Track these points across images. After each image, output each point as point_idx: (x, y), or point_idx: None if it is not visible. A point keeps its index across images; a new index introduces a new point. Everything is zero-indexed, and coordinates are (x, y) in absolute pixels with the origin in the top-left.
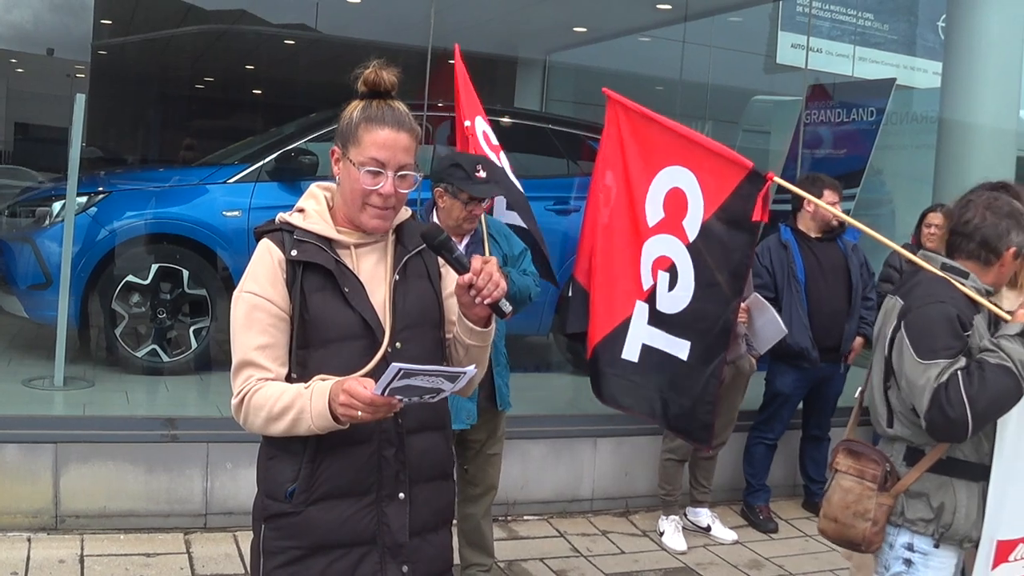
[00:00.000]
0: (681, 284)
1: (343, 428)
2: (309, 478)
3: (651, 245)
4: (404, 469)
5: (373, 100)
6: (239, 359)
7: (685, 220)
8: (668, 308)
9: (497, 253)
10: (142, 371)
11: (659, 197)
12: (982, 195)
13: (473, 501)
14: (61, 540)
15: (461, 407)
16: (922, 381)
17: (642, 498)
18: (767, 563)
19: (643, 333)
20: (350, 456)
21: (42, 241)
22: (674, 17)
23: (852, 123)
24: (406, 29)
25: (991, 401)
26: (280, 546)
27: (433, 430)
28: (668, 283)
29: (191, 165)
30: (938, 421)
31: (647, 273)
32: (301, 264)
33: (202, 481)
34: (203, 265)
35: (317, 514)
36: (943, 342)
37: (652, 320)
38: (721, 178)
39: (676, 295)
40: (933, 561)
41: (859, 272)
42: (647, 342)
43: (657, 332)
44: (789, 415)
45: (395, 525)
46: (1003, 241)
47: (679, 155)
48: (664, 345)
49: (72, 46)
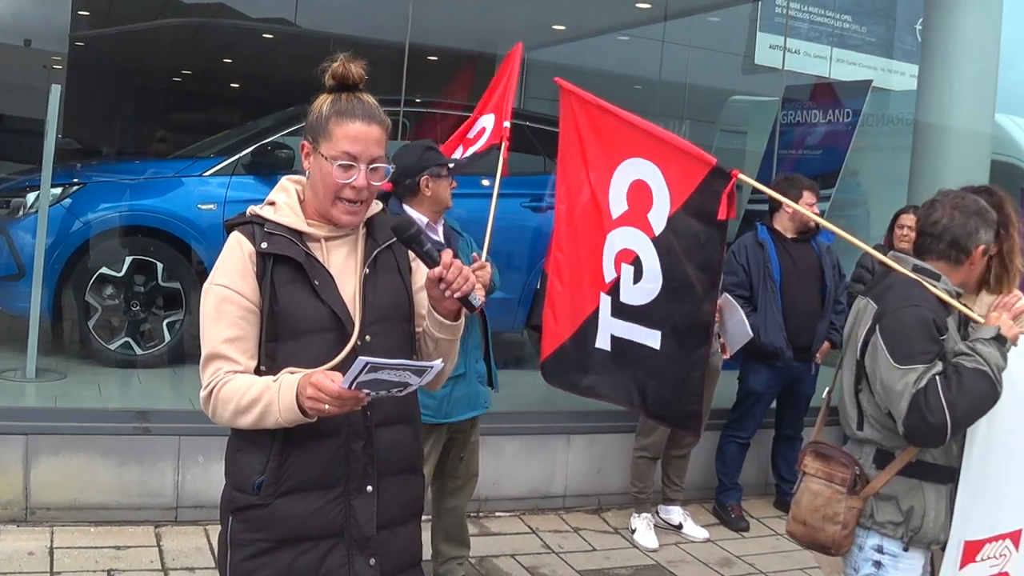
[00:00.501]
0: (647, 277)
1: (311, 421)
2: (277, 470)
3: (614, 237)
4: (372, 462)
5: (342, 93)
6: (208, 351)
7: (650, 213)
8: (634, 300)
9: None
10: (115, 364)
11: (622, 189)
12: (948, 195)
13: (453, 494)
14: (31, 532)
15: (478, 393)
16: (900, 387)
17: (614, 495)
18: (738, 561)
19: (610, 324)
20: (318, 449)
21: (16, 232)
22: (653, 16)
23: (828, 124)
24: (384, 25)
25: (970, 405)
26: (247, 538)
27: (401, 423)
28: (633, 276)
29: (167, 158)
30: (918, 427)
31: (610, 266)
32: (271, 257)
33: (173, 474)
34: (177, 258)
35: (285, 507)
36: (920, 346)
37: (615, 312)
38: (686, 172)
39: (643, 287)
40: (902, 563)
41: (832, 274)
42: (616, 333)
43: (623, 324)
44: (762, 414)
45: (363, 518)
46: (972, 240)
47: (640, 148)
48: (635, 336)
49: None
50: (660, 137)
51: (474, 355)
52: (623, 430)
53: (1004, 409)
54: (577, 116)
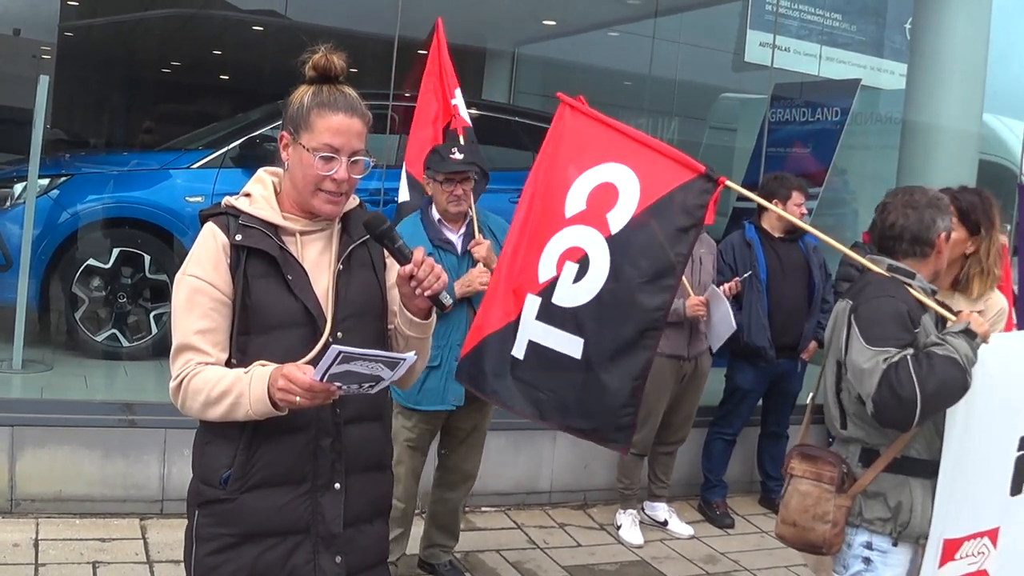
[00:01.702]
0: (590, 277)
1: (281, 414)
2: (244, 465)
3: (563, 236)
4: (340, 459)
5: (323, 85)
6: (179, 342)
7: (610, 213)
8: (566, 302)
9: (493, 247)
10: (101, 355)
11: (584, 190)
12: (897, 195)
13: (450, 487)
14: (16, 524)
15: (449, 389)
16: (869, 365)
17: (600, 491)
18: (722, 558)
19: (531, 329)
20: (286, 444)
21: (3, 223)
22: (643, 13)
23: (817, 123)
24: (374, 18)
25: (939, 386)
26: (213, 532)
27: (371, 421)
28: (575, 275)
29: (155, 149)
30: (888, 401)
31: (549, 264)
32: (245, 249)
33: (159, 467)
34: (164, 250)
35: (251, 501)
36: (893, 332)
37: (541, 315)
38: (664, 176)
39: (581, 287)
40: (891, 559)
41: (819, 273)
42: (534, 339)
43: (547, 328)
44: (748, 411)
45: (329, 515)
46: (932, 231)
47: (622, 154)
48: (552, 342)
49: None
50: (650, 145)
51: (456, 352)
52: None
53: (981, 406)
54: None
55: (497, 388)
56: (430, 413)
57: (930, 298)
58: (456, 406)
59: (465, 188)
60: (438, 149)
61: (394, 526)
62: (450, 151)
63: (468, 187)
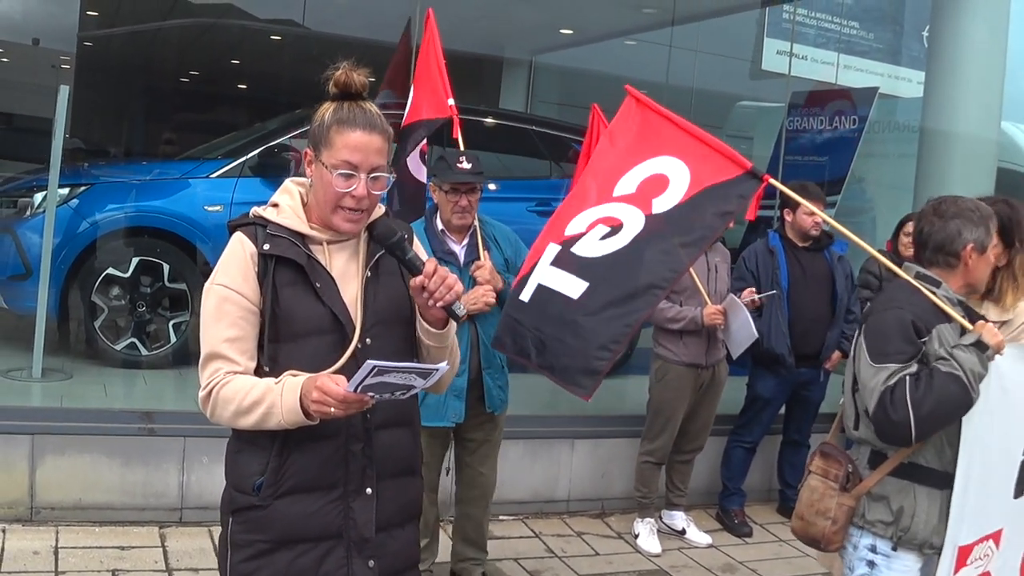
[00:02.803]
0: (618, 238)
1: (313, 424)
2: (276, 471)
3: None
4: (371, 464)
5: (344, 102)
6: (208, 351)
7: (657, 199)
8: (585, 252)
9: (497, 257)
10: (120, 364)
11: (637, 178)
12: (931, 203)
13: (471, 503)
14: (36, 532)
15: (449, 405)
16: (872, 383)
17: (618, 500)
18: (740, 567)
19: (542, 274)
20: (317, 450)
21: (23, 232)
22: (660, 21)
23: (834, 131)
24: (391, 27)
25: (936, 406)
26: (247, 539)
27: (400, 426)
28: (603, 234)
29: (174, 159)
30: (882, 423)
31: (580, 224)
32: (273, 258)
33: (178, 475)
34: (183, 259)
35: (284, 507)
36: (895, 346)
37: (556, 261)
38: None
39: (605, 243)
40: (896, 564)
41: (844, 283)
42: (542, 281)
43: (556, 271)
44: (769, 419)
45: (361, 520)
46: (957, 242)
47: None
48: (557, 284)
49: (58, 37)
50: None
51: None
52: (627, 435)
53: (998, 415)
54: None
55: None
56: (432, 429)
57: (953, 308)
58: (456, 423)
59: (471, 199)
60: (445, 156)
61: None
62: (457, 159)
63: (474, 199)
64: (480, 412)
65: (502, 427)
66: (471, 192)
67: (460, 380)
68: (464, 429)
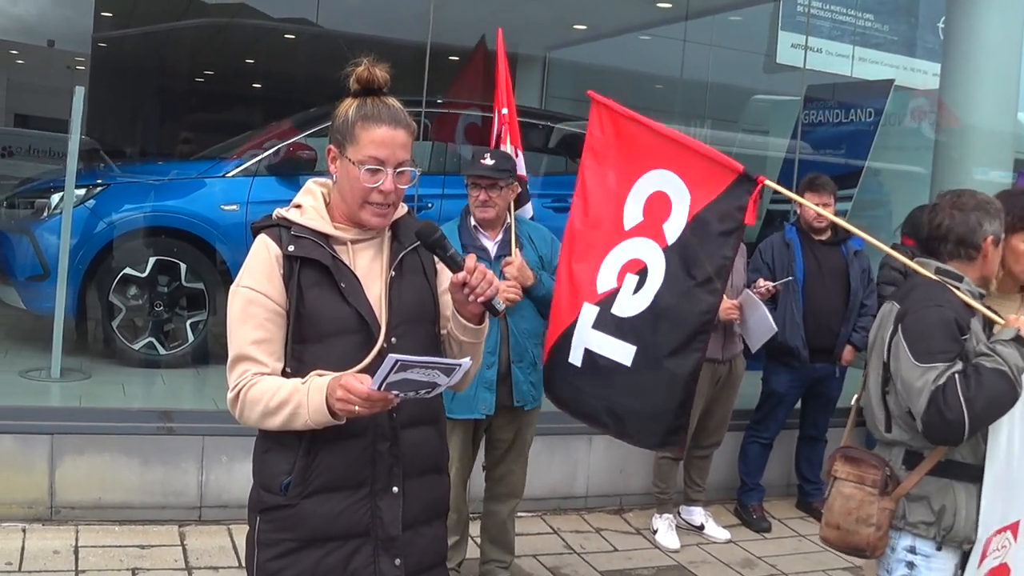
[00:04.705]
0: (647, 287)
1: (340, 423)
2: (304, 471)
3: (624, 248)
4: (398, 463)
5: (367, 97)
6: (235, 353)
7: (666, 223)
8: (625, 312)
9: (531, 255)
10: (139, 363)
11: (640, 200)
12: (946, 196)
13: (499, 500)
14: (56, 531)
15: (479, 398)
16: (919, 384)
17: (636, 496)
18: (759, 562)
19: (586, 337)
20: (344, 450)
21: (40, 233)
22: (674, 16)
23: (850, 124)
24: (406, 24)
25: (988, 403)
26: (274, 538)
27: (426, 424)
28: (635, 286)
29: (189, 158)
30: (936, 423)
31: (610, 276)
32: (298, 259)
33: (197, 474)
34: (200, 259)
35: (312, 507)
36: (940, 345)
37: (598, 324)
38: (710, 181)
39: (638, 297)
40: (935, 563)
41: (859, 278)
42: (589, 347)
43: (602, 336)
44: (785, 415)
45: (388, 518)
46: (977, 234)
47: (665, 158)
48: (605, 350)
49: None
50: (687, 145)
51: (487, 360)
52: None
53: (1019, 407)
54: (604, 128)
55: (561, 395)
56: (463, 421)
57: (978, 301)
58: (486, 415)
59: (491, 195)
60: (474, 152)
61: (449, 534)
62: (482, 155)
63: (495, 194)
64: (510, 409)
65: (534, 425)
66: (491, 187)
67: (490, 373)
68: (493, 428)
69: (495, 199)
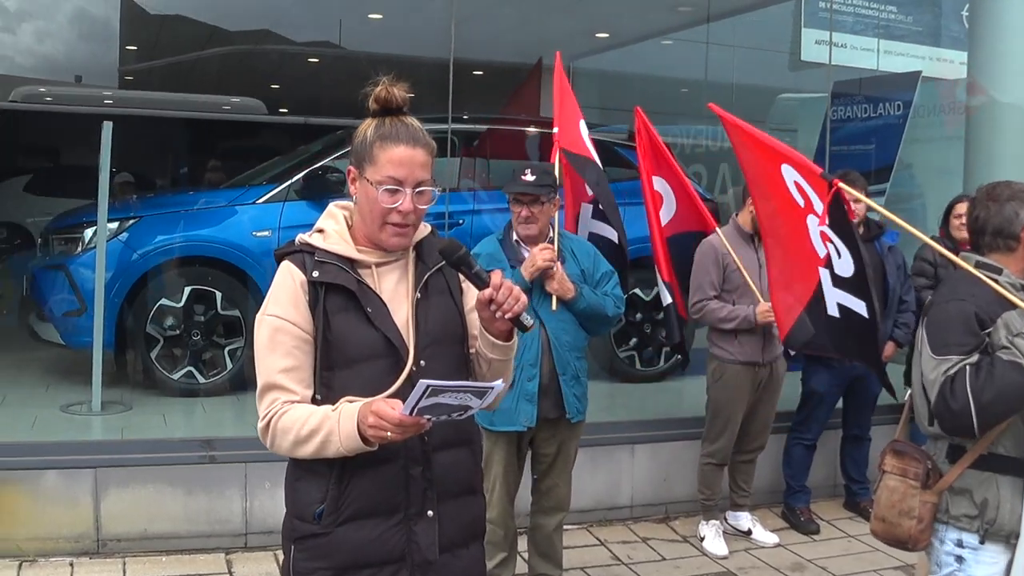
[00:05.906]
0: (844, 258)
1: (372, 449)
2: (337, 499)
3: (810, 223)
4: (431, 487)
5: (386, 117)
6: (264, 382)
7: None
8: (843, 272)
9: (573, 268)
10: (179, 393)
11: (792, 188)
12: (983, 189)
13: (546, 513)
14: (103, 564)
15: (520, 410)
16: (933, 375)
17: (681, 503)
18: (809, 565)
19: (834, 294)
20: (377, 475)
21: (75, 268)
22: (696, 19)
23: (879, 118)
24: (428, 41)
25: (997, 395)
26: (310, 567)
27: (458, 446)
28: (836, 251)
29: (219, 187)
30: (943, 413)
31: (819, 243)
32: (323, 285)
33: (241, 501)
34: (235, 286)
35: (346, 534)
36: (956, 338)
37: (836, 283)
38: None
39: (842, 263)
40: (984, 556)
41: (895, 274)
42: (840, 301)
43: (843, 294)
44: (826, 415)
45: (424, 542)
46: (1015, 224)
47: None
48: (852, 304)
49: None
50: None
51: (528, 372)
52: (687, 437)
53: None
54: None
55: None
56: (506, 434)
57: (1017, 294)
58: (528, 427)
59: (533, 210)
60: (516, 168)
61: (497, 551)
62: (523, 172)
63: (537, 210)
64: (554, 422)
65: (578, 438)
66: (533, 203)
67: (531, 385)
68: (537, 441)
69: (537, 215)
